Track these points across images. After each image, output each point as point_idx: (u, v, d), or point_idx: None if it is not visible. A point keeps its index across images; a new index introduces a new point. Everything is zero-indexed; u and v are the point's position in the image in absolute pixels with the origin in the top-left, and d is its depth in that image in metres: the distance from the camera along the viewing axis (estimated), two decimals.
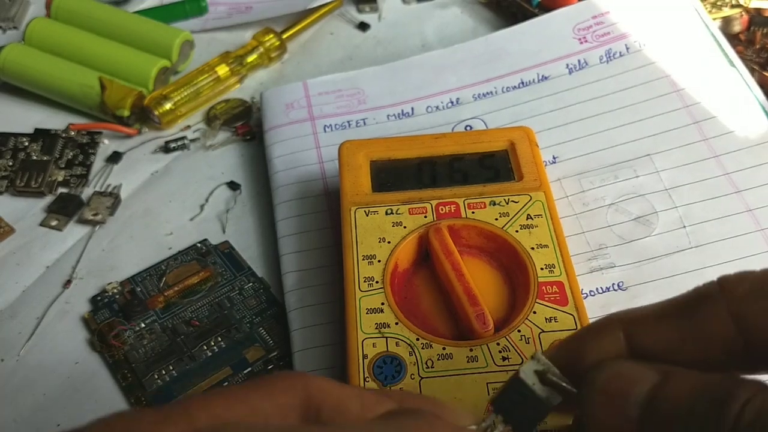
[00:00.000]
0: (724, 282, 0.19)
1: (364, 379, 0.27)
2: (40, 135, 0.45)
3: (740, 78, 0.39)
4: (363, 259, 0.31)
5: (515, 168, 0.34)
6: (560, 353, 0.20)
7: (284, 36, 0.49)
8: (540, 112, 0.40)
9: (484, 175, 0.34)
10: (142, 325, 0.36)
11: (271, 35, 0.48)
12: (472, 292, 0.29)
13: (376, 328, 0.29)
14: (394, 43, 0.49)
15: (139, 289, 0.37)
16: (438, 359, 0.28)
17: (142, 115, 0.45)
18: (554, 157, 0.38)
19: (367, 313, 0.29)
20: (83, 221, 0.41)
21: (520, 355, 0.27)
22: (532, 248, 0.30)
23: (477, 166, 0.34)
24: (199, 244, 0.39)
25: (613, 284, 0.33)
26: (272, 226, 0.39)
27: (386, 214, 0.32)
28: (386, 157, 0.35)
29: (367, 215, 0.32)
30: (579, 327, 0.28)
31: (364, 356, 0.28)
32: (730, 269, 0.31)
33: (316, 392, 0.17)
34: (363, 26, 0.51)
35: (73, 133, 0.45)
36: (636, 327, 0.19)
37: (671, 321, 0.19)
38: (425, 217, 0.32)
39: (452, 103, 0.42)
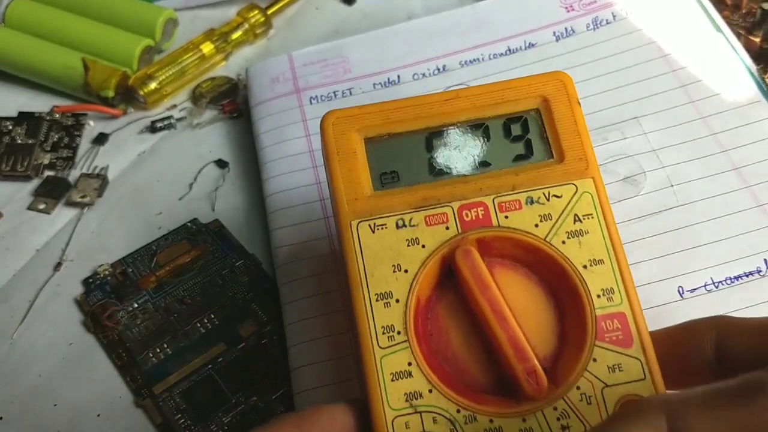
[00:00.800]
0: None
1: None
2: (24, 118, 0.44)
3: (726, 42, 0.39)
4: (377, 300, 0.24)
5: (552, 139, 0.26)
6: None
7: (269, 12, 0.49)
8: None
9: (513, 151, 0.26)
10: (135, 305, 0.36)
11: (256, 11, 0.48)
12: (520, 343, 0.23)
13: (406, 401, 0.23)
14: (381, 16, 0.49)
15: (130, 270, 0.37)
16: None
17: (127, 96, 0.45)
18: None
19: (392, 380, 0.23)
20: (71, 203, 0.41)
21: (581, 421, 0.23)
22: (584, 266, 0.24)
23: (503, 138, 0.27)
24: (189, 224, 0.39)
25: None
26: (261, 204, 0.39)
27: (397, 227, 0.25)
28: (385, 133, 0.27)
29: (374, 231, 0.25)
30: (647, 376, 0.23)
31: None
32: (718, 226, 0.32)
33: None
34: (349, 0, 0.50)
35: (57, 115, 0.45)
36: (681, 415, 0.18)
37: (721, 411, 0.18)
38: (447, 228, 0.25)
39: (439, 70, 0.41)
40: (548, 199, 0.25)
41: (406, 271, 0.25)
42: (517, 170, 0.26)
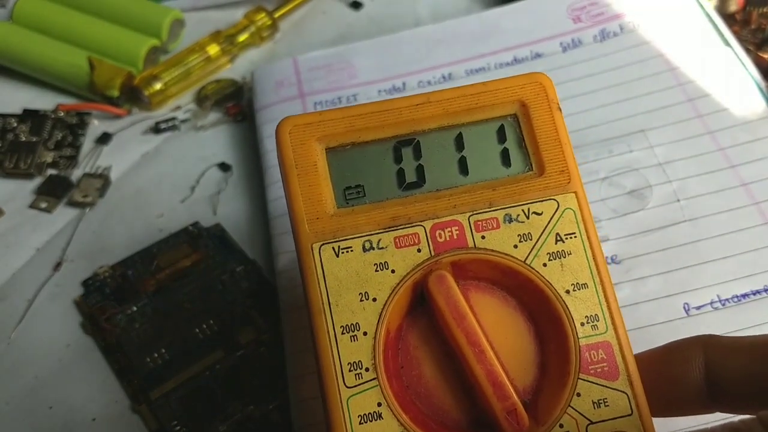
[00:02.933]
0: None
1: None
2: (29, 116, 0.44)
3: (735, 57, 0.39)
4: (343, 333, 0.22)
5: (532, 149, 0.24)
6: None
7: (276, 15, 0.48)
8: None
9: (490, 161, 0.24)
10: (134, 308, 0.35)
11: (263, 14, 0.48)
12: (499, 378, 0.21)
13: None
14: (387, 22, 0.48)
15: (130, 273, 0.37)
16: None
17: (132, 96, 0.45)
18: None
19: (360, 423, 0.21)
20: (73, 203, 0.41)
21: None
22: (567, 291, 0.23)
23: (479, 145, 0.24)
24: (190, 227, 0.39)
25: (607, 257, 0.33)
26: (263, 208, 0.39)
27: (364, 250, 0.23)
28: (349, 142, 0.24)
29: (338, 255, 0.23)
30: (634, 411, 0.22)
31: None
32: (725, 242, 0.32)
33: None
34: (356, 5, 0.50)
35: (62, 113, 0.44)
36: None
37: None
38: (419, 251, 0.23)
39: (444, 78, 0.41)
40: (528, 217, 0.23)
41: (374, 299, 0.22)
42: (494, 184, 0.24)
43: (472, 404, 0.22)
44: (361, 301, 0.22)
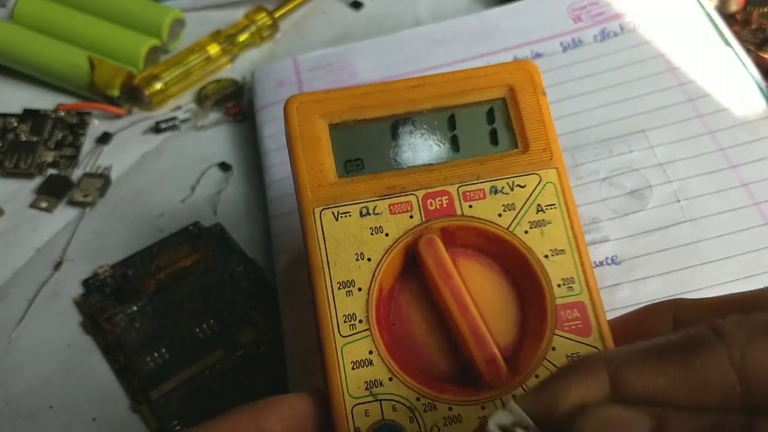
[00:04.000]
0: (720, 330, 0.18)
1: None
2: (29, 115, 0.44)
3: (735, 57, 0.39)
4: (339, 289, 0.24)
5: (518, 129, 0.26)
6: (537, 400, 0.18)
7: (276, 15, 0.48)
8: None
9: (478, 139, 0.26)
10: (134, 308, 0.35)
11: (263, 14, 0.48)
12: (480, 331, 0.23)
13: (366, 389, 0.23)
14: (388, 21, 0.48)
15: (130, 272, 0.37)
16: (445, 424, 0.23)
17: (132, 95, 0.45)
18: None
19: (353, 369, 0.23)
20: (73, 203, 0.41)
21: None
22: (546, 256, 0.24)
23: (470, 125, 0.26)
24: (190, 227, 0.39)
25: (607, 258, 0.33)
26: (264, 208, 0.39)
27: (361, 215, 0.25)
28: (351, 119, 0.26)
29: (337, 219, 0.25)
30: None
31: (356, 430, 0.22)
32: (725, 243, 0.32)
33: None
34: (356, 5, 0.50)
35: (62, 113, 0.44)
36: (622, 370, 0.18)
37: (662, 365, 0.17)
38: (411, 217, 0.25)
39: None
40: (512, 189, 0.25)
41: (369, 259, 0.24)
42: (482, 159, 0.26)
43: (456, 359, 0.24)
44: (356, 260, 0.24)
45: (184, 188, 0.41)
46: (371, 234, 0.25)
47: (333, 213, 0.25)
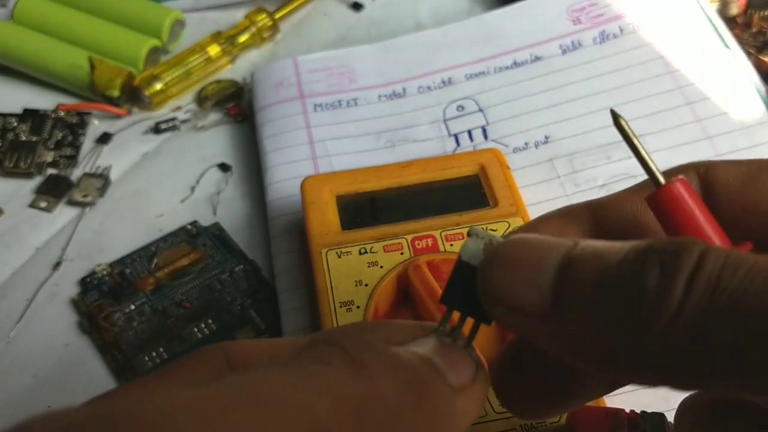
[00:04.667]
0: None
1: None
2: (29, 115, 0.44)
3: (735, 60, 0.39)
4: (341, 307, 0.29)
5: (489, 194, 0.33)
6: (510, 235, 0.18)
7: (277, 16, 0.48)
8: (532, 92, 0.40)
9: (457, 203, 0.32)
10: (132, 307, 0.36)
11: (264, 15, 0.48)
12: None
13: None
14: (388, 24, 0.48)
15: (128, 271, 0.37)
16: None
17: (132, 96, 0.45)
18: (546, 137, 0.38)
19: None
20: (73, 203, 0.41)
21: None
22: None
23: (449, 193, 0.33)
24: (189, 226, 0.39)
25: None
26: (263, 209, 0.39)
27: (360, 253, 0.31)
28: (353, 191, 0.33)
29: (340, 257, 0.31)
30: None
31: None
32: None
33: (233, 353, 0.17)
34: (356, 6, 0.50)
35: (62, 113, 0.45)
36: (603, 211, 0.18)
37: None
38: (402, 254, 0.30)
39: (444, 83, 0.41)
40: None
41: (366, 285, 0.30)
42: (461, 214, 0.32)
43: None
44: (356, 286, 0.30)
45: (183, 188, 0.41)
46: (368, 267, 0.30)
47: (337, 252, 0.31)
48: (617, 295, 0.14)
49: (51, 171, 0.42)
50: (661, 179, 0.18)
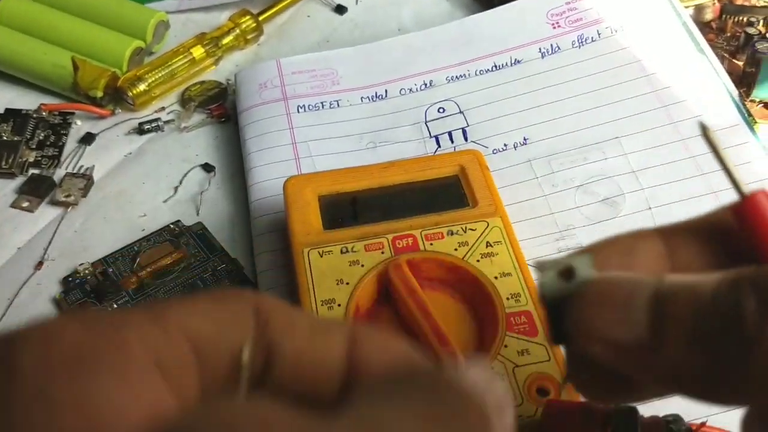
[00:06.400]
0: None
1: None
2: (11, 115, 0.44)
3: (709, 64, 0.39)
4: (322, 305, 0.29)
5: (469, 194, 0.33)
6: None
7: (261, 18, 0.49)
8: (512, 95, 0.40)
9: (438, 203, 0.33)
10: (115, 306, 0.36)
11: (248, 17, 0.48)
12: (441, 331, 0.28)
13: None
14: (371, 27, 0.49)
15: (111, 270, 0.37)
16: None
17: (116, 96, 0.45)
18: (525, 139, 0.38)
19: None
20: (55, 203, 0.41)
21: None
22: (495, 277, 0.29)
23: (429, 194, 0.33)
24: (172, 225, 0.39)
25: None
26: (246, 208, 0.39)
27: (341, 252, 0.31)
28: (335, 191, 0.33)
29: (322, 256, 0.31)
30: (551, 358, 0.27)
31: None
32: None
33: (265, 307, 0.16)
34: (340, 9, 0.50)
35: (44, 113, 0.45)
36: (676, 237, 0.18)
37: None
38: (382, 253, 0.31)
39: (425, 85, 0.42)
40: (465, 231, 0.31)
41: (347, 283, 0.30)
42: (441, 214, 0.32)
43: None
44: (337, 284, 0.30)
45: (166, 189, 0.41)
46: (349, 266, 0.30)
47: (318, 252, 0.31)
48: (717, 325, 0.16)
49: (33, 171, 0.42)
50: (746, 189, 0.18)
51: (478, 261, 0.30)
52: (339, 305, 0.29)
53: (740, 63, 0.42)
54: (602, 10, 0.43)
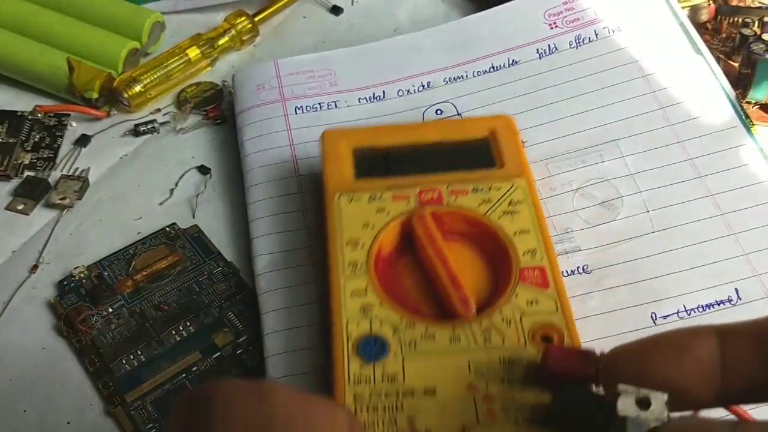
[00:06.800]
0: None
1: (349, 358, 0.28)
2: (6, 116, 0.44)
3: (706, 65, 0.39)
4: (347, 245, 0.31)
5: (497, 155, 0.34)
6: (629, 365, 0.19)
7: (257, 19, 0.49)
8: (510, 96, 0.40)
9: (466, 162, 0.34)
10: (110, 309, 0.35)
11: (244, 18, 0.48)
12: (455, 276, 0.30)
13: (360, 310, 0.29)
14: (367, 27, 0.49)
15: (106, 274, 0.37)
16: (421, 339, 0.28)
17: (111, 98, 0.45)
18: (522, 142, 0.38)
19: (351, 296, 0.30)
20: (50, 205, 0.41)
21: (501, 336, 0.28)
22: (515, 234, 0.31)
23: (460, 153, 0.34)
24: (167, 228, 0.39)
25: (578, 267, 0.33)
26: (242, 211, 0.39)
27: (369, 200, 0.33)
28: (369, 145, 0.35)
29: (351, 202, 0.33)
30: (559, 310, 0.29)
31: (348, 336, 0.28)
32: (692, 253, 0.33)
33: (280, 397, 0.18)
34: (336, 10, 0.50)
35: (39, 115, 0.44)
36: (732, 338, 0.18)
37: None
38: (408, 203, 0.32)
39: (423, 86, 0.42)
40: (489, 190, 0.33)
41: (372, 227, 0.32)
42: (469, 172, 0.33)
43: (439, 309, 0.30)
44: (363, 228, 0.32)
45: (162, 191, 0.41)
46: (376, 212, 0.32)
47: (348, 197, 0.33)
48: None
49: (28, 173, 0.42)
50: None
51: (499, 218, 0.32)
52: (362, 246, 0.31)
53: (736, 64, 0.42)
54: (599, 10, 0.42)
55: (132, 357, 0.34)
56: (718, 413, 0.21)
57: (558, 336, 0.28)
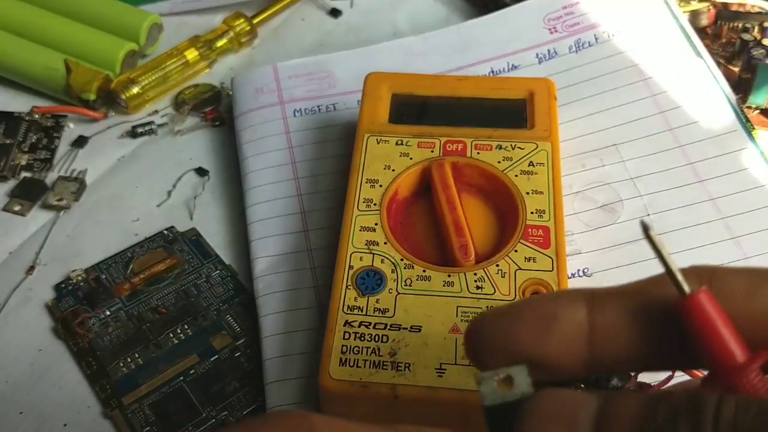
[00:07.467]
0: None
1: (346, 287, 0.30)
2: (3, 117, 0.44)
3: (707, 69, 0.39)
4: (366, 182, 0.33)
5: (530, 117, 0.35)
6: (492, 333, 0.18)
7: (255, 21, 0.48)
8: None
9: (497, 119, 0.35)
10: (107, 312, 0.35)
11: (242, 20, 0.48)
12: (460, 223, 0.31)
13: (365, 245, 0.31)
14: (366, 30, 0.49)
15: (104, 276, 0.37)
16: (417, 279, 0.30)
17: (109, 99, 0.44)
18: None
19: (360, 230, 0.31)
20: (47, 206, 0.40)
21: (493, 287, 0.29)
22: (528, 193, 0.32)
23: (493, 110, 0.35)
24: (165, 231, 0.39)
25: (578, 270, 0.33)
26: (240, 213, 0.39)
27: (396, 144, 0.34)
28: (408, 92, 0.36)
29: (378, 143, 0.34)
30: (555, 270, 0.29)
31: (350, 267, 0.30)
32: (692, 257, 0.33)
33: (320, 427, 0.17)
34: (335, 12, 0.50)
35: (37, 116, 0.44)
36: (602, 305, 0.18)
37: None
38: (432, 151, 0.34)
39: None
40: (513, 149, 0.33)
41: (393, 170, 0.33)
42: (497, 129, 0.34)
43: (441, 255, 0.31)
44: (384, 169, 0.33)
45: (160, 193, 0.41)
46: (399, 156, 0.34)
47: (376, 139, 0.34)
48: None
49: (25, 174, 0.42)
50: (687, 289, 0.18)
51: (516, 176, 0.32)
52: (380, 185, 0.32)
53: (736, 69, 0.42)
54: (599, 14, 0.42)
55: (129, 360, 0.34)
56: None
57: (548, 292, 0.29)
